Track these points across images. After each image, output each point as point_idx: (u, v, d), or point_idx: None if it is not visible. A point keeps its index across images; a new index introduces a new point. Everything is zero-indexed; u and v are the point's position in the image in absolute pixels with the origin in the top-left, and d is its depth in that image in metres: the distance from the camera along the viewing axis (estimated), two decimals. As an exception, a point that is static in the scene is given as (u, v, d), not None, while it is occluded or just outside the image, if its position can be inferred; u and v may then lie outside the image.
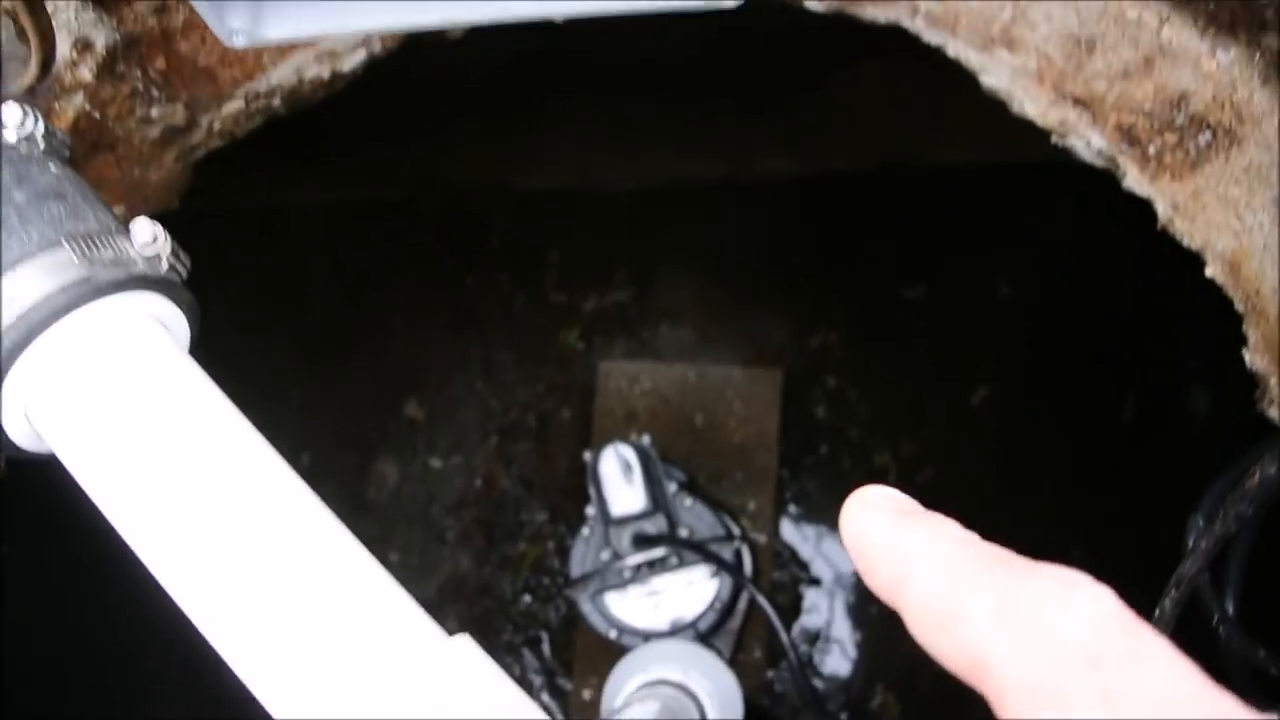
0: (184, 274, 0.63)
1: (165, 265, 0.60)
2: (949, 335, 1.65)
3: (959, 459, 1.61)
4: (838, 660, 1.60)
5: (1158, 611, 0.68)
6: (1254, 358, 0.78)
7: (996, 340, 1.64)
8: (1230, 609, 0.75)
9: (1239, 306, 0.78)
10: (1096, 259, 1.63)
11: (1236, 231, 0.69)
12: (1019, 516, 1.58)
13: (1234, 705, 0.20)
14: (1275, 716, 0.20)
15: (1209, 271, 0.78)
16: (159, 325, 0.58)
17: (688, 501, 1.27)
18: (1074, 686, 0.21)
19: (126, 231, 0.57)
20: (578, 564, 1.29)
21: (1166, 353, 1.59)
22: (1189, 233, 0.72)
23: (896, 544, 0.25)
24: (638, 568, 1.25)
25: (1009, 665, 0.22)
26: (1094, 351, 1.62)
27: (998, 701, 0.22)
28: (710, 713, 1.00)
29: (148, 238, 0.58)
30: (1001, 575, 0.23)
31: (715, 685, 1.03)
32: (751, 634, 1.49)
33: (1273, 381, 0.78)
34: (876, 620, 1.59)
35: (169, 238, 0.60)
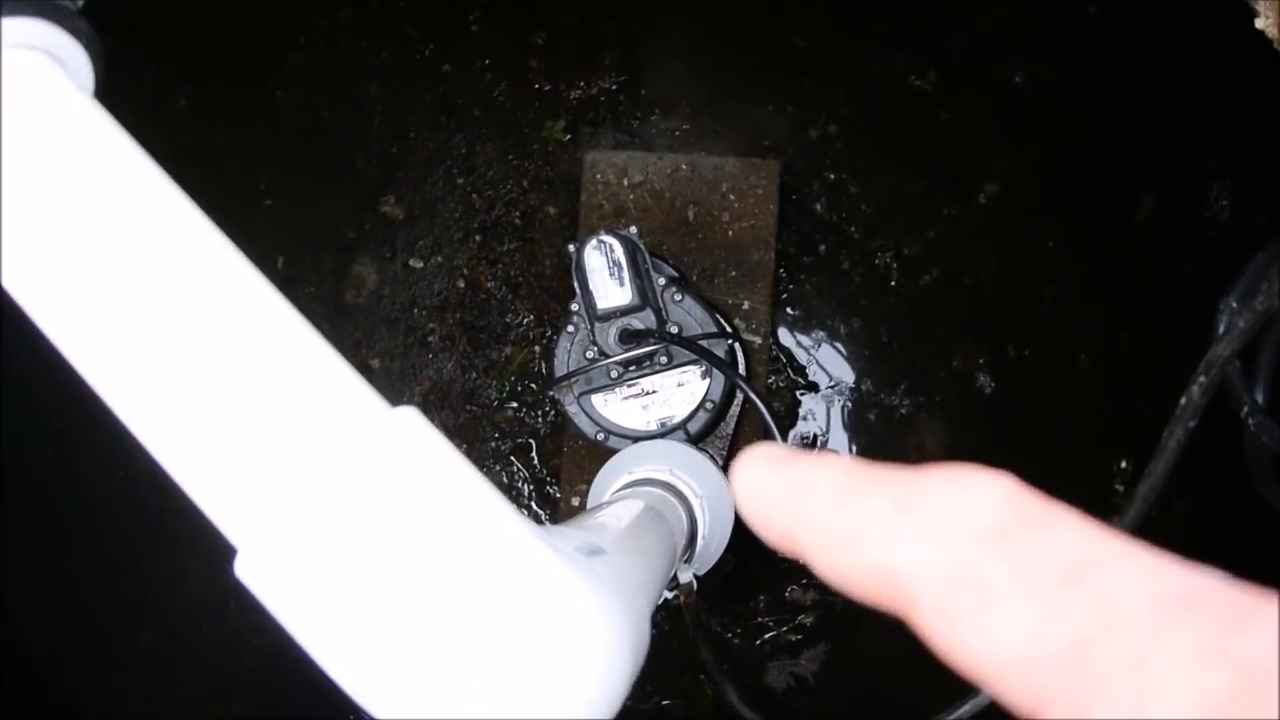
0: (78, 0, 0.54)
1: (50, -14, 0.51)
2: (958, 128, 1.55)
3: (964, 259, 1.54)
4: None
5: (1184, 399, 0.62)
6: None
7: (1008, 134, 1.55)
8: (1260, 398, 0.69)
9: (1288, 55, 0.70)
10: (1116, 48, 1.53)
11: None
12: (1025, 320, 1.53)
13: (1153, 554, 0.19)
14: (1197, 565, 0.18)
15: (1259, 23, 0.70)
16: (51, 59, 0.51)
17: (678, 296, 1.20)
18: (986, 563, 0.20)
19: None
20: (562, 362, 1.23)
21: (1188, 150, 1.51)
22: (1246, -27, 0.63)
23: (787, 486, 0.24)
24: (625, 365, 1.19)
25: (916, 565, 0.21)
26: (1111, 147, 1.53)
27: (913, 611, 0.21)
28: (699, 513, 0.96)
29: (22, -55, 0.50)
30: (893, 485, 0.22)
31: (705, 486, 0.99)
32: (746, 439, 1.45)
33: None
34: (875, 428, 1.55)
35: (56, -46, 0.51)
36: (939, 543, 0.21)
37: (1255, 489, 0.69)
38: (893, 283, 1.54)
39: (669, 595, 0.96)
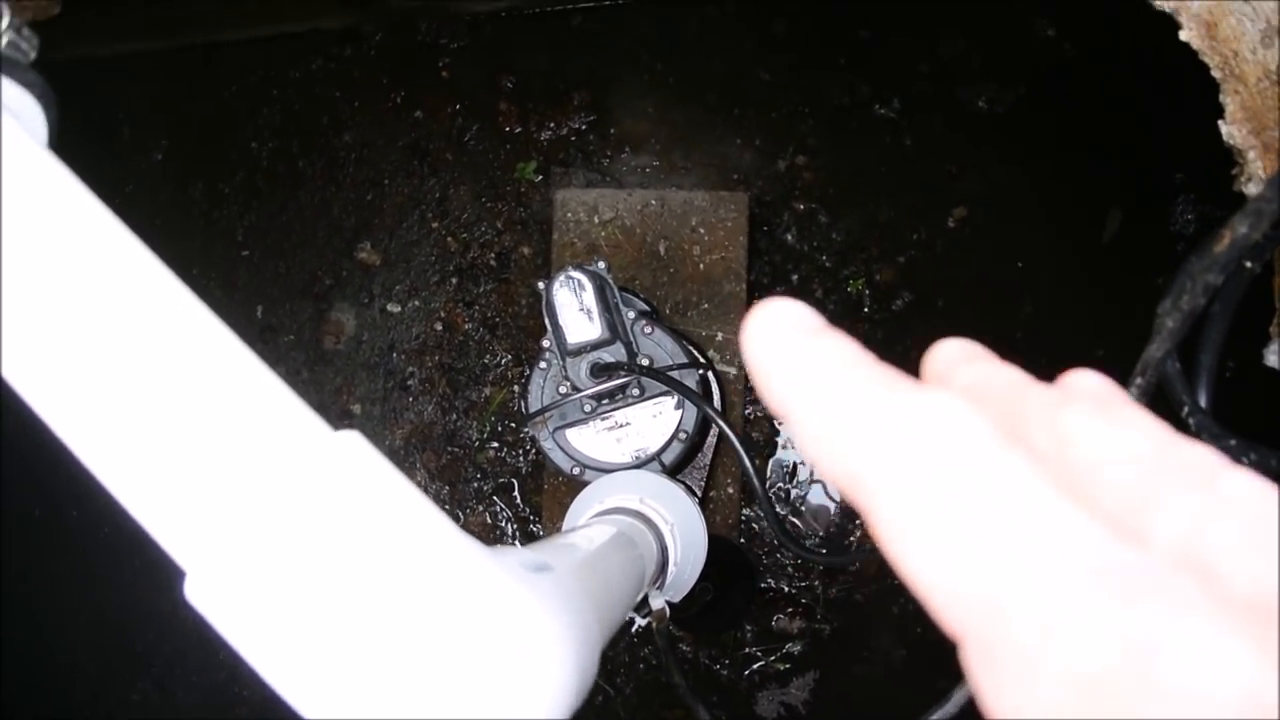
0: (30, 54, 0.56)
1: (3, 41, 0.53)
2: (924, 153, 1.58)
3: (936, 283, 1.55)
4: (818, 495, 1.57)
5: (1125, 402, 0.63)
6: (1231, 130, 0.72)
7: (974, 157, 1.57)
8: (1204, 400, 0.70)
9: (1215, 73, 0.72)
10: (1077, 69, 1.56)
11: (1216, -19, 0.62)
12: (1000, 340, 1.54)
13: (1080, 519, 0.20)
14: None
15: (1183, 35, 0.72)
16: (5, 111, 0.52)
17: (648, 329, 1.21)
18: (926, 474, 0.21)
19: (-45, 9, 0.50)
20: (535, 399, 1.24)
21: (1152, 166, 1.53)
22: (1164, -13, 0.65)
23: (790, 362, 0.25)
24: (598, 399, 1.20)
25: (875, 469, 0.22)
26: (1076, 166, 1.55)
27: (870, 508, 0.22)
28: (669, 540, 0.96)
29: (-23, 11, 0.51)
30: (875, 394, 0.24)
31: (675, 514, 0.99)
32: (725, 470, 1.46)
33: (1251, 154, 0.72)
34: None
35: (8, 11, 0.53)
36: (896, 450, 0.22)
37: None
38: (866, 309, 1.56)
39: (641, 621, 0.96)
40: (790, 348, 0.25)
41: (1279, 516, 0.20)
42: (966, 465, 0.21)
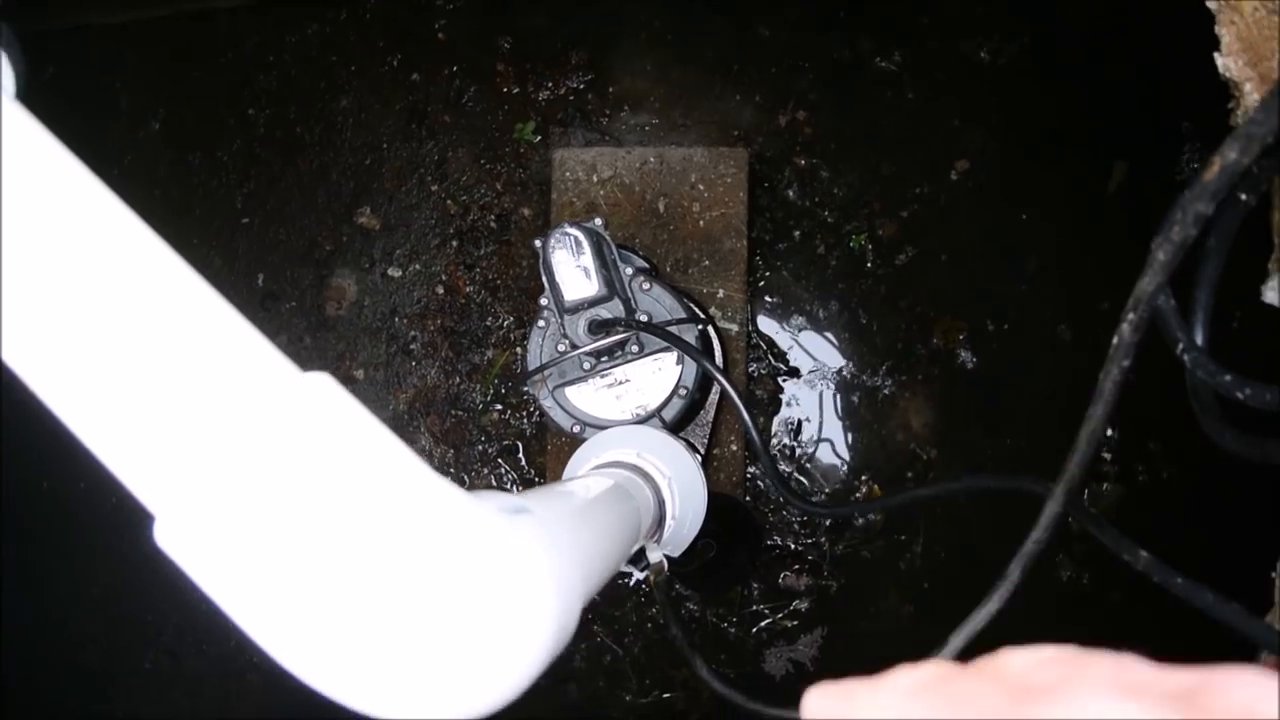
0: (-9, 0, 0.55)
1: (-36, -10, 0.52)
2: (926, 107, 1.56)
3: (939, 237, 1.54)
4: (824, 452, 1.56)
5: (1115, 339, 0.62)
6: (1227, 62, 0.71)
7: (976, 110, 1.55)
8: (1200, 338, 0.69)
9: (1211, 4, 0.70)
10: (1079, 18, 1.54)
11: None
12: (1004, 293, 1.53)
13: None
14: None
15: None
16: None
17: (646, 285, 1.21)
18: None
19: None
20: (535, 357, 1.23)
21: (1157, 116, 1.51)
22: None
23: (836, 710, 0.33)
24: (596, 356, 1.19)
25: None
26: (1080, 116, 1.54)
27: None
28: (667, 494, 0.96)
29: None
30: (923, 698, 0.31)
31: (673, 469, 0.99)
32: (729, 427, 1.45)
33: (1248, 86, 0.70)
34: (859, 411, 1.55)
35: (-31, -42, 0.52)
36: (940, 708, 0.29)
37: (1201, 429, 0.69)
38: (869, 264, 1.54)
39: (639, 574, 0.96)
40: (846, 701, 0.34)
41: None
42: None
